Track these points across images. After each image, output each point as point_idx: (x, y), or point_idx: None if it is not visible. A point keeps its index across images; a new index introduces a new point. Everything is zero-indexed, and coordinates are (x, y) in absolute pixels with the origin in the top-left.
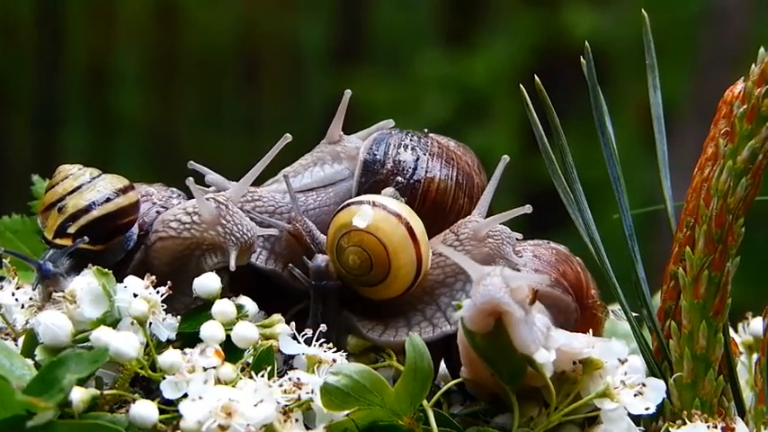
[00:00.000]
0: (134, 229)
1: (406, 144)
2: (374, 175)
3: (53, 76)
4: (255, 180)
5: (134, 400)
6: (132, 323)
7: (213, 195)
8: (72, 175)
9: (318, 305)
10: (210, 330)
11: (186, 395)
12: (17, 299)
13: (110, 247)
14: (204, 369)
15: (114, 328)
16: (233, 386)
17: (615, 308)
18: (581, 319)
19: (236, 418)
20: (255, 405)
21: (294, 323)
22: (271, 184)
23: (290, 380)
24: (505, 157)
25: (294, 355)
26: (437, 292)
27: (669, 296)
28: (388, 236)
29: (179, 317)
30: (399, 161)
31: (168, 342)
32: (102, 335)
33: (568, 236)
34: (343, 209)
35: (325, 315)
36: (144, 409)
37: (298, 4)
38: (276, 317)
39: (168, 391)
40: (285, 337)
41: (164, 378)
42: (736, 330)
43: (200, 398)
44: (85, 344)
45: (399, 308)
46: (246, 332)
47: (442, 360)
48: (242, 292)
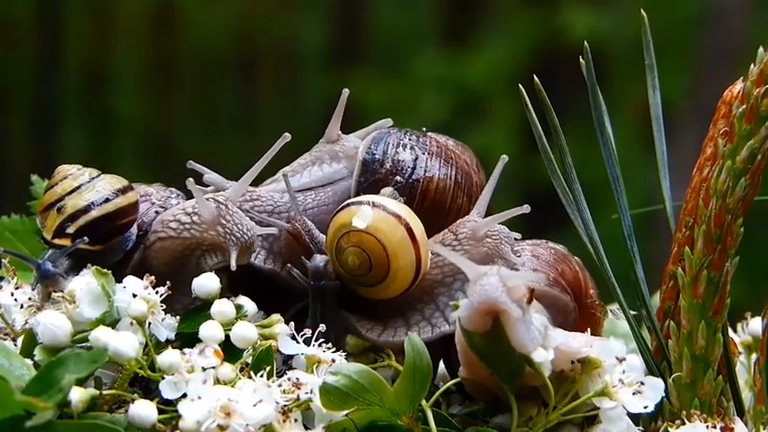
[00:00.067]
0: (133, 230)
1: (405, 143)
2: (373, 175)
3: (52, 75)
4: (254, 180)
5: (133, 400)
6: (131, 323)
7: (213, 195)
8: (71, 175)
9: (317, 305)
10: (209, 330)
11: (185, 395)
12: (16, 299)
13: (109, 247)
14: (203, 369)
15: (113, 329)
16: (232, 386)
17: (614, 308)
18: (579, 319)
19: (235, 418)
20: (254, 405)
21: (293, 323)
22: (269, 183)
23: (289, 380)
24: (504, 157)
25: (293, 355)
26: (436, 292)
27: (668, 296)
28: (388, 237)
29: (178, 317)
30: (398, 160)
31: (167, 342)
32: (102, 335)
33: (567, 236)
34: (342, 209)
35: (323, 315)
36: (143, 409)
37: (296, 4)
38: (275, 317)
39: (167, 391)
40: (284, 337)
41: (163, 378)
42: (735, 330)
43: (199, 398)
44: (84, 344)
45: (398, 308)
46: (245, 332)
47: (441, 360)
48: (241, 291)
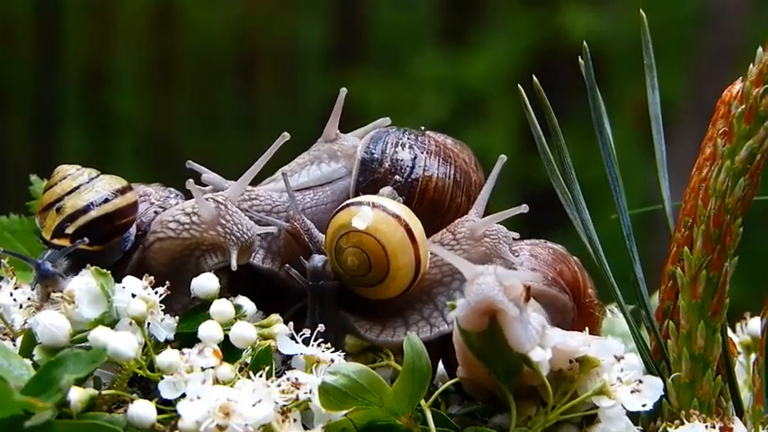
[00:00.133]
0: (132, 230)
1: (404, 142)
2: (372, 174)
3: (51, 75)
4: (253, 179)
5: (132, 400)
6: (130, 323)
7: (212, 195)
8: (70, 175)
9: (316, 305)
10: (209, 330)
11: (184, 395)
12: (15, 299)
13: (108, 247)
14: (202, 369)
15: (112, 329)
16: (231, 386)
17: (613, 307)
18: (578, 319)
19: (234, 418)
20: (253, 405)
21: (292, 323)
22: (268, 183)
23: (288, 380)
24: (503, 157)
25: (292, 355)
26: (434, 291)
27: (667, 296)
28: (387, 237)
29: (177, 317)
30: (397, 160)
31: (166, 342)
32: (101, 335)
33: (567, 236)
34: (342, 209)
35: (322, 315)
36: (142, 409)
37: (296, 4)
38: (274, 317)
39: (166, 391)
40: (283, 337)
41: (162, 378)
42: (734, 330)
43: (198, 398)
44: (83, 344)
45: (397, 308)
46: (245, 332)
47: (441, 360)
48: (240, 291)
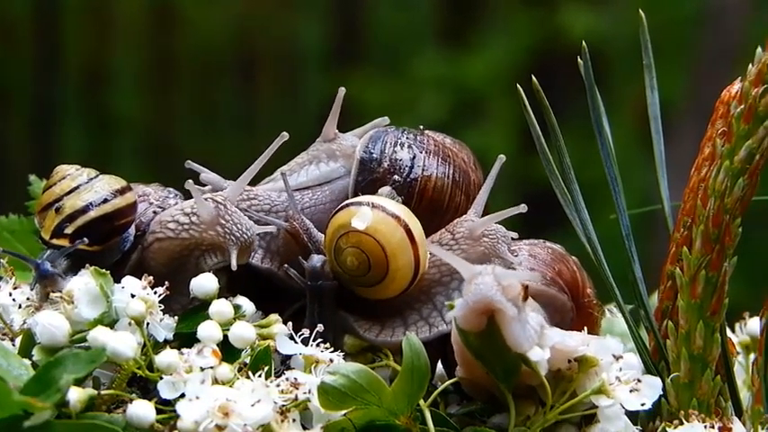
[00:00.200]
0: (131, 230)
1: (403, 142)
2: (371, 174)
3: (51, 75)
4: (252, 179)
5: (131, 400)
6: (130, 323)
7: (211, 195)
8: (70, 175)
9: (314, 305)
10: (208, 330)
11: (183, 395)
12: (14, 299)
13: (107, 247)
14: (201, 369)
15: (112, 329)
16: (230, 386)
17: (612, 307)
18: (577, 319)
19: (233, 418)
20: (252, 405)
21: (291, 323)
22: (266, 183)
23: (287, 380)
24: (502, 157)
25: (291, 355)
26: (433, 291)
27: (666, 296)
28: (387, 238)
29: (176, 317)
30: (396, 159)
31: (165, 342)
32: (100, 335)
33: (566, 236)
34: (341, 209)
35: (321, 315)
36: (141, 409)
37: (295, 4)
38: (273, 317)
39: (165, 391)
40: (282, 337)
41: (161, 378)
42: (733, 330)
43: (197, 398)
44: (83, 344)
45: (396, 307)
46: (244, 332)
47: (439, 360)
48: (239, 291)
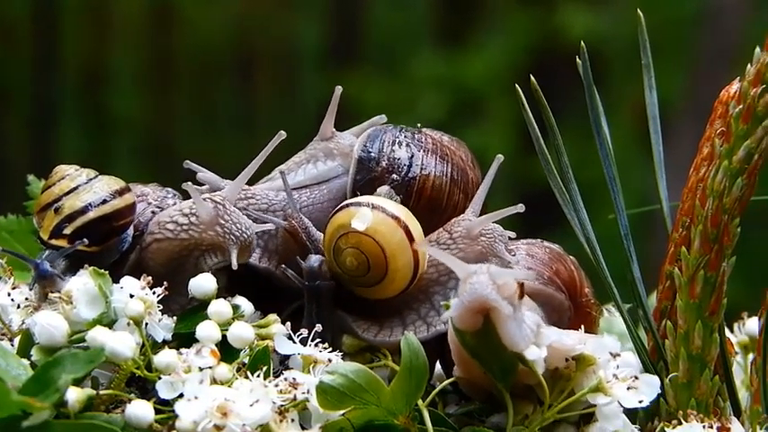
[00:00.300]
0: (129, 230)
1: (401, 141)
2: (369, 173)
3: (50, 75)
4: (250, 178)
5: (130, 400)
6: (128, 323)
7: (210, 195)
8: (69, 175)
9: (312, 305)
10: (206, 330)
11: (182, 395)
12: (13, 299)
13: (105, 248)
14: (200, 369)
15: (110, 329)
16: (229, 386)
17: (610, 307)
18: (575, 318)
19: (231, 418)
20: (251, 405)
21: (290, 323)
22: (264, 182)
23: (285, 380)
24: (500, 157)
25: (290, 355)
26: (431, 291)
27: (665, 296)
28: (387, 239)
29: (175, 317)
30: (394, 158)
31: (164, 342)
32: (98, 335)
33: (564, 236)
34: (341, 209)
35: (319, 315)
36: (140, 409)
37: (294, 4)
38: (272, 317)
39: (164, 391)
40: (281, 337)
41: (159, 378)
42: (731, 330)
43: (195, 398)
44: (81, 344)
45: (395, 307)
46: (242, 332)
47: (438, 360)
48: (238, 291)
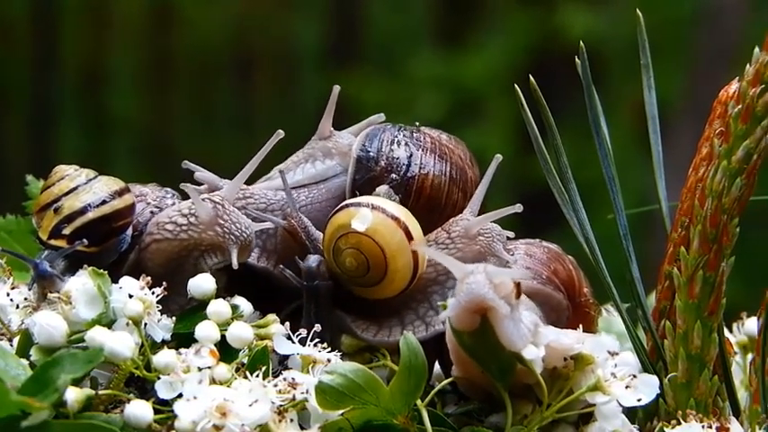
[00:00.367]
0: (128, 231)
1: (399, 140)
2: (368, 172)
3: (49, 75)
4: (248, 178)
5: (129, 400)
6: (127, 324)
7: (209, 195)
8: (68, 176)
9: (311, 305)
10: (205, 330)
11: (181, 395)
12: (12, 299)
13: (104, 248)
14: (199, 369)
15: (109, 329)
16: (228, 386)
17: (609, 307)
18: (573, 317)
19: (230, 418)
20: (250, 405)
21: (289, 323)
22: (262, 181)
23: (284, 380)
24: (498, 156)
25: (289, 355)
26: (429, 290)
27: (664, 296)
28: (386, 239)
29: (174, 317)
30: (393, 158)
31: (163, 342)
32: (97, 335)
33: (563, 236)
34: (341, 209)
35: (318, 315)
36: (139, 409)
37: (293, 4)
38: (271, 317)
39: (163, 391)
40: (280, 337)
41: (159, 378)
42: (730, 330)
43: (194, 398)
44: (81, 344)
45: (394, 307)
46: (241, 332)
47: (437, 359)
48: (237, 291)
